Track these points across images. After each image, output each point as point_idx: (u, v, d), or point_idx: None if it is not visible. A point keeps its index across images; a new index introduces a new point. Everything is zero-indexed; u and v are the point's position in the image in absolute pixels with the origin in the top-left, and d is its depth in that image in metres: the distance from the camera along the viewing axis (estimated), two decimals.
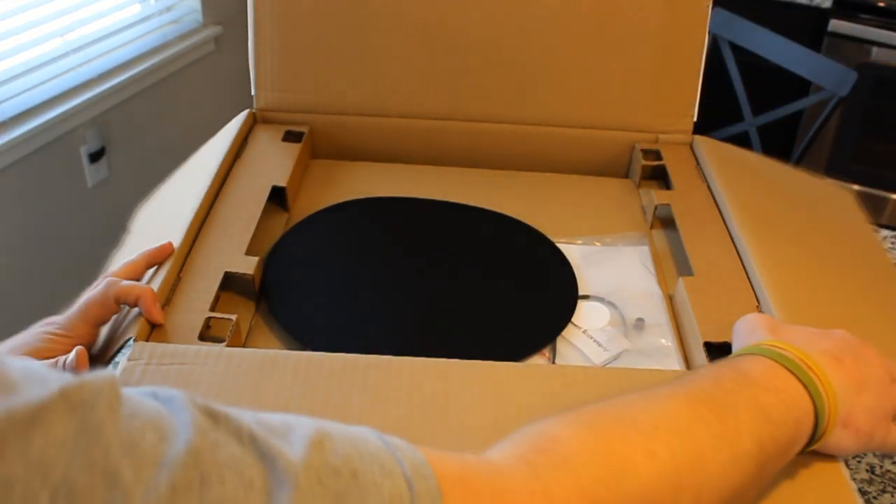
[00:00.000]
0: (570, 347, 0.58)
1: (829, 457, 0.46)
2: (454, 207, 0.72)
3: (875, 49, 1.86)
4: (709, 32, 0.76)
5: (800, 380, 0.44)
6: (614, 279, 0.64)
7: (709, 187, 0.72)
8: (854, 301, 0.55)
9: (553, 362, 0.57)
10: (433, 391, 0.49)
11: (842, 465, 0.46)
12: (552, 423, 0.40)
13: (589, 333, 0.59)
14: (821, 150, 1.97)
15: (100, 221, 1.72)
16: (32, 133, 1.53)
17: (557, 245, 0.68)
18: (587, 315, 0.61)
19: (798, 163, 1.57)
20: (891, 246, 0.93)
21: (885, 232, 0.95)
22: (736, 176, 0.71)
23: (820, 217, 0.67)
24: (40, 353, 0.50)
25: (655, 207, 0.70)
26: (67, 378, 0.27)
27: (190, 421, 0.30)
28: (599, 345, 0.58)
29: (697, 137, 0.78)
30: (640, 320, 0.60)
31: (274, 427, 0.32)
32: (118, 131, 1.76)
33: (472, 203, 0.73)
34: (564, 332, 0.59)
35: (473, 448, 0.46)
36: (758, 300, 0.58)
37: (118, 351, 0.51)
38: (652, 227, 0.71)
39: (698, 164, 0.75)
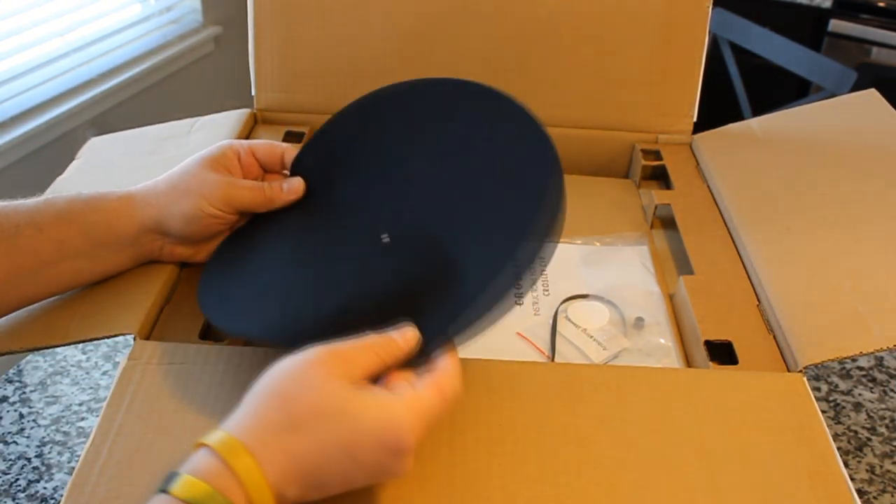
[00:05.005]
0: (569, 346, 0.58)
1: (827, 456, 0.46)
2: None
3: (875, 49, 1.86)
4: (709, 32, 0.76)
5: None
6: (614, 279, 0.64)
7: (709, 187, 0.72)
8: (859, 298, 0.55)
9: (552, 360, 0.57)
10: None
11: (840, 465, 0.46)
12: None
13: (588, 332, 0.59)
14: None
15: None
16: (32, 133, 1.53)
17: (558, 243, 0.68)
18: (587, 314, 0.61)
19: None
20: None
21: None
22: (736, 175, 0.71)
23: (823, 212, 0.67)
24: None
25: (655, 207, 0.70)
26: None
27: None
28: (599, 344, 0.58)
29: (697, 136, 0.78)
30: (640, 319, 0.60)
31: None
32: (118, 131, 1.75)
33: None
34: (564, 331, 0.59)
35: (473, 448, 0.46)
36: (758, 299, 0.58)
37: None
38: (652, 227, 0.71)
39: (698, 164, 0.75)
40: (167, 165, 0.57)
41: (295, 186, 0.59)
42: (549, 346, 0.58)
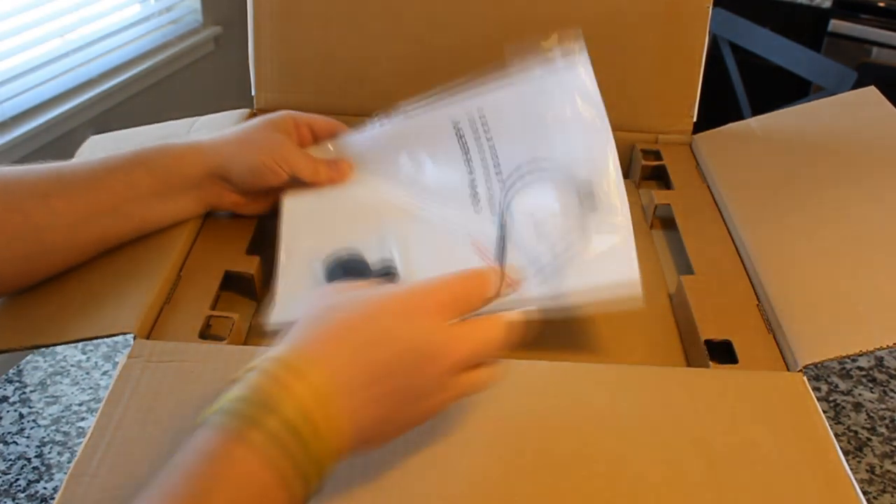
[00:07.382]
0: (519, 253, 0.56)
1: (829, 453, 0.46)
2: None
3: (875, 49, 1.86)
4: (709, 32, 0.76)
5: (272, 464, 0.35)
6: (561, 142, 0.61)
7: (709, 187, 0.72)
8: (859, 298, 0.55)
9: (502, 267, 0.54)
10: None
11: (843, 462, 0.46)
12: None
13: (539, 225, 0.57)
14: None
15: None
16: (32, 133, 1.53)
17: None
18: (535, 204, 0.58)
19: None
20: None
21: None
22: (736, 175, 0.71)
23: (823, 211, 0.67)
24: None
25: (655, 207, 0.70)
26: None
27: None
28: (549, 242, 0.56)
29: (697, 136, 0.78)
30: (591, 196, 0.57)
31: None
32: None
33: None
34: (513, 233, 0.57)
35: (474, 448, 0.46)
36: (758, 299, 0.58)
37: None
38: (652, 227, 0.71)
39: (698, 164, 0.75)
40: None
41: (343, 169, 0.64)
42: (498, 252, 0.56)
